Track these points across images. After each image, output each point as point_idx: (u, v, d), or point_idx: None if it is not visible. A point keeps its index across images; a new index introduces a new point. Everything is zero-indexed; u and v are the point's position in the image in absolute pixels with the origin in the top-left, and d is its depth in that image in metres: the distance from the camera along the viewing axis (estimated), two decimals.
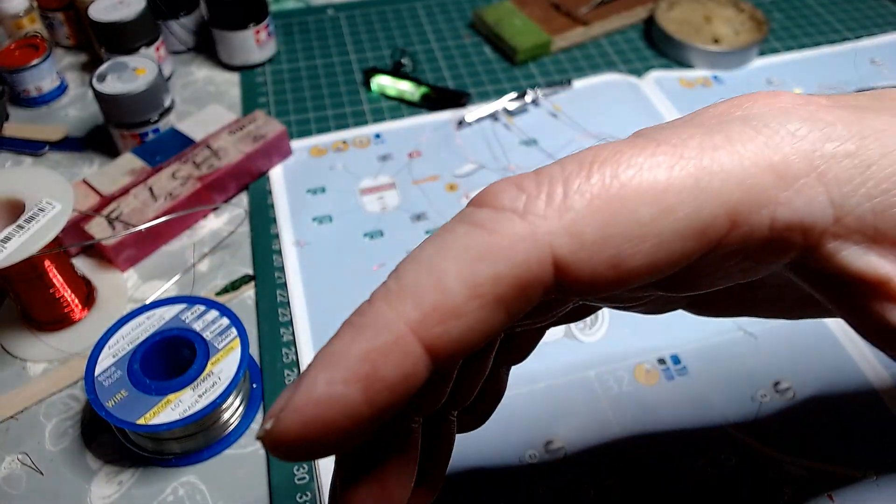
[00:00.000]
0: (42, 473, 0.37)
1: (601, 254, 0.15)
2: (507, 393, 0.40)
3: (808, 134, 0.16)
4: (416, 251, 0.16)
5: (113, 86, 0.51)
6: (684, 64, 0.62)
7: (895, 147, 0.16)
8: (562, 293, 0.15)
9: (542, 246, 0.15)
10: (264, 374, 0.41)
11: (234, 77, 0.63)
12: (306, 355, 0.42)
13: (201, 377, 0.36)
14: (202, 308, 0.39)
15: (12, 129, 0.58)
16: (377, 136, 0.56)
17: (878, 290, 0.16)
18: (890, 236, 0.16)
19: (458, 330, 0.14)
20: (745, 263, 0.17)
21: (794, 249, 0.16)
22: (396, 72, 0.61)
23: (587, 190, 0.15)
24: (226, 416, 0.38)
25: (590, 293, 0.15)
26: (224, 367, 0.37)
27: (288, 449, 0.15)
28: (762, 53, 0.63)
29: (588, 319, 0.43)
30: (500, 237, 0.15)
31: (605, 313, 0.44)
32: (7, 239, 0.38)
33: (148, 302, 0.40)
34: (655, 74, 0.61)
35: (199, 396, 0.35)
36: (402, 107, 0.59)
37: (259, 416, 0.39)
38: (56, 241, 0.39)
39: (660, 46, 0.64)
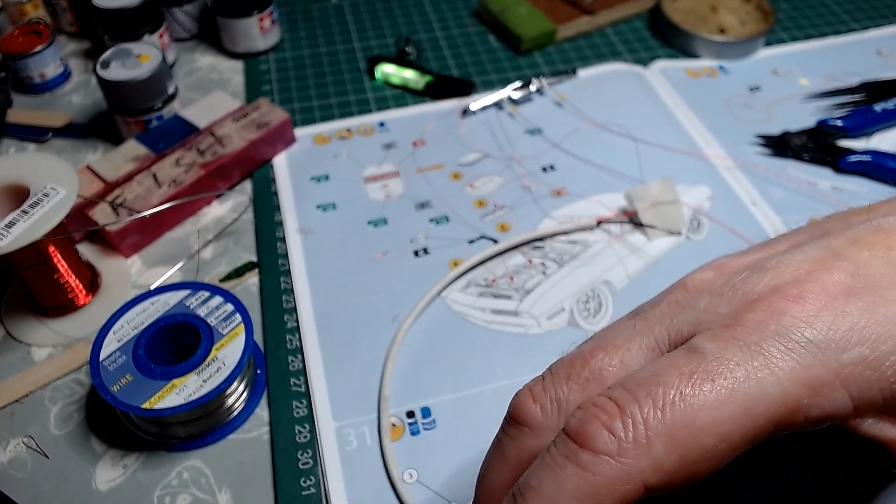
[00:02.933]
0: (47, 456, 0.38)
1: (679, 475, 0.20)
2: (510, 380, 0.40)
3: (830, 344, 0.20)
4: (537, 483, 0.20)
5: (117, 72, 0.50)
6: (690, 54, 0.62)
7: None
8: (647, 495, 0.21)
9: (636, 482, 0.19)
10: (268, 360, 0.41)
11: (238, 65, 0.62)
12: (310, 342, 0.42)
13: (206, 362, 0.36)
14: (206, 294, 0.39)
15: (16, 115, 0.58)
16: (381, 124, 0.56)
17: (889, 448, 0.22)
18: (893, 410, 0.21)
19: None
20: None
21: (823, 426, 0.21)
22: (400, 60, 0.61)
23: (663, 432, 0.19)
24: (230, 401, 0.38)
25: (667, 492, 0.20)
26: (228, 352, 0.37)
27: None
28: (768, 44, 0.63)
29: (592, 307, 0.43)
30: (603, 479, 0.19)
31: (610, 301, 0.44)
32: (11, 224, 0.38)
33: (152, 288, 0.40)
34: (661, 64, 0.61)
35: (204, 381, 0.35)
36: (407, 95, 0.59)
37: (263, 402, 0.40)
38: (60, 227, 0.39)
39: (665, 36, 0.64)
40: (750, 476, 0.30)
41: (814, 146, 0.52)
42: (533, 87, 0.57)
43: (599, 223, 0.48)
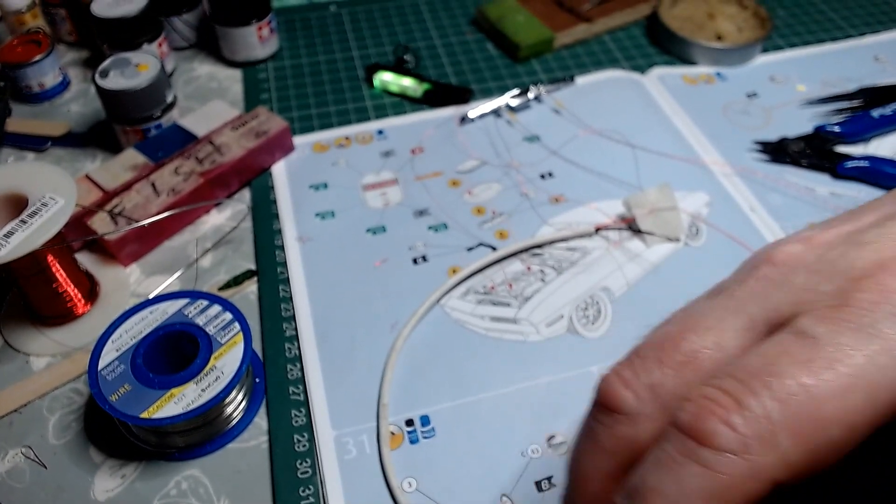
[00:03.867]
0: (45, 467, 0.37)
1: (806, 469, 0.19)
2: (509, 388, 0.40)
3: None
4: (656, 483, 0.19)
5: (115, 81, 0.51)
6: (687, 61, 0.62)
7: None
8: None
9: (765, 478, 0.19)
10: (267, 368, 0.41)
11: (237, 73, 0.63)
12: (309, 350, 0.42)
13: (204, 371, 0.36)
14: (205, 303, 0.39)
15: (15, 124, 0.58)
16: (380, 132, 0.56)
17: None
18: None
19: None
20: None
21: None
22: (399, 68, 0.61)
23: (788, 425, 0.19)
24: (229, 410, 0.38)
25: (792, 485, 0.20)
26: (227, 361, 0.37)
27: None
28: (765, 50, 0.63)
29: (591, 314, 0.43)
30: (730, 478, 0.19)
31: (609, 308, 0.44)
32: (10, 234, 0.38)
33: (151, 297, 0.40)
34: (658, 71, 0.61)
35: (203, 391, 0.35)
36: (405, 103, 0.59)
37: (262, 411, 0.39)
38: (59, 236, 0.39)
39: (663, 43, 0.64)
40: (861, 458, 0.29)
41: (811, 152, 0.52)
42: (531, 95, 0.58)
43: (598, 230, 0.48)
